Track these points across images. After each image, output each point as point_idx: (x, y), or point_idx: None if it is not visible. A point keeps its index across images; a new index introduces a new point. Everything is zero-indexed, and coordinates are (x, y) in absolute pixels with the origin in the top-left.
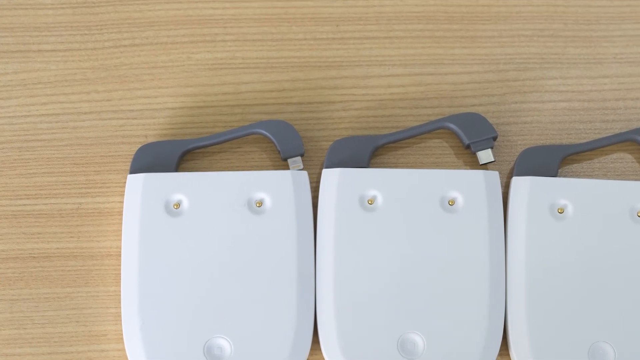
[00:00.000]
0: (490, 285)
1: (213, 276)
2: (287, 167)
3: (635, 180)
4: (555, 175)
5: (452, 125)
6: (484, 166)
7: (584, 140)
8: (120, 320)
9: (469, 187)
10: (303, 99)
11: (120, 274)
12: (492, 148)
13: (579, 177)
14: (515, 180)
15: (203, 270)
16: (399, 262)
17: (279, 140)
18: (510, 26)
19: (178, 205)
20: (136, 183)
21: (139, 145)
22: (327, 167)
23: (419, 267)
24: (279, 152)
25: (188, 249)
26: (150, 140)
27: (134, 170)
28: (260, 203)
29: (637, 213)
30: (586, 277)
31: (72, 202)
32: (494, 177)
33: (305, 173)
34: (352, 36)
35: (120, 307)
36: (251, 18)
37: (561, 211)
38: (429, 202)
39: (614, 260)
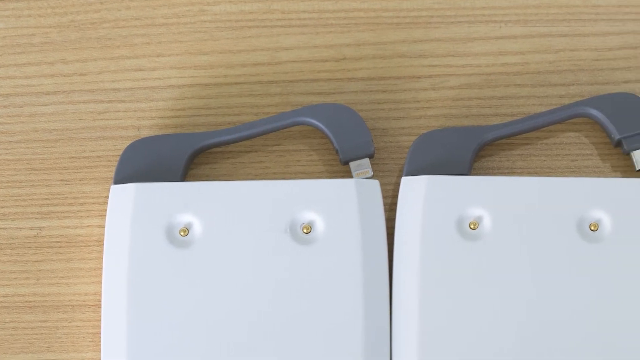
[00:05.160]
0: None
1: (239, 334)
2: (349, 175)
3: None
4: None
5: (595, 112)
6: None
7: None
8: None
9: (620, 203)
10: (373, 73)
11: (100, 333)
12: None
13: None
14: None
15: (224, 325)
16: (515, 315)
17: (337, 134)
18: None
19: (186, 230)
20: (124, 198)
21: (129, 142)
22: (408, 174)
23: (545, 323)
24: (336, 151)
25: (201, 295)
26: (145, 134)
27: (121, 178)
28: (309, 228)
29: None
30: None
31: (29, 227)
32: None
33: (376, 183)
34: None
35: None
36: None
37: None
38: (560, 227)
39: None
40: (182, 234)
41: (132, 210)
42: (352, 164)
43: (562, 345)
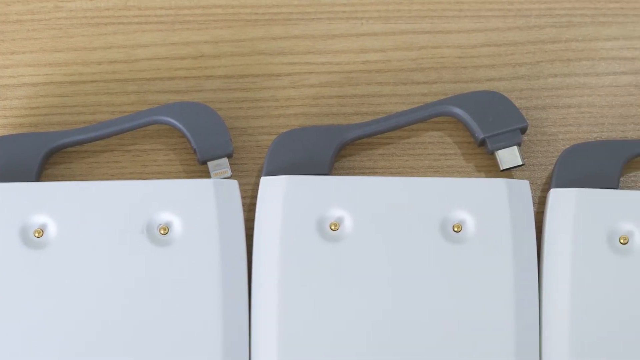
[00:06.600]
0: (517, 351)
1: (95, 336)
2: (207, 175)
3: None
4: (616, 187)
5: (458, 111)
6: (507, 172)
7: None
8: None
9: (484, 204)
10: (231, 71)
11: None
12: (519, 145)
13: None
14: (556, 194)
15: (79, 327)
16: (375, 316)
17: (195, 133)
18: None
19: (41, 232)
20: None
21: None
22: (268, 174)
23: (407, 327)
24: (194, 151)
25: (56, 296)
26: None
27: None
28: (166, 229)
29: None
30: None
31: None
32: (522, 189)
33: (235, 183)
34: None
35: None
36: None
37: (625, 241)
38: (423, 228)
39: None
40: (36, 235)
41: None
42: (210, 164)
43: (421, 346)
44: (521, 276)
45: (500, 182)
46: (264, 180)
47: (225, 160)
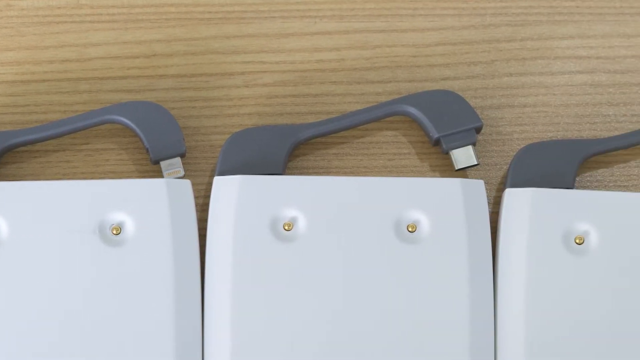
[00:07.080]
0: (471, 351)
1: (48, 337)
2: (160, 175)
3: None
4: (571, 187)
5: (412, 110)
6: (462, 172)
7: (617, 133)
8: None
9: (439, 204)
10: (184, 70)
11: None
12: (474, 145)
13: (608, 190)
14: (511, 194)
15: (32, 328)
16: (329, 316)
17: (147, 132)
18: None
19: None
20: None
21: None
22: (221, 174)
23: (361, 327)
24: (147, 150)
25: (9, 297)
26: None
27: None
28: (118, 229)
29: None
30: (602, 335)
31: None
32: (477, 189)
33: (187, 183)
34: None
35: None
36: None
37: (580, 241)
38: (377, 228)
39: None
40: None
41: None
42: (163, 164)
43: (375, 346)
44: (476, 276)
45: (455, 182)
46: (217, 180)
47: (178, 159)
